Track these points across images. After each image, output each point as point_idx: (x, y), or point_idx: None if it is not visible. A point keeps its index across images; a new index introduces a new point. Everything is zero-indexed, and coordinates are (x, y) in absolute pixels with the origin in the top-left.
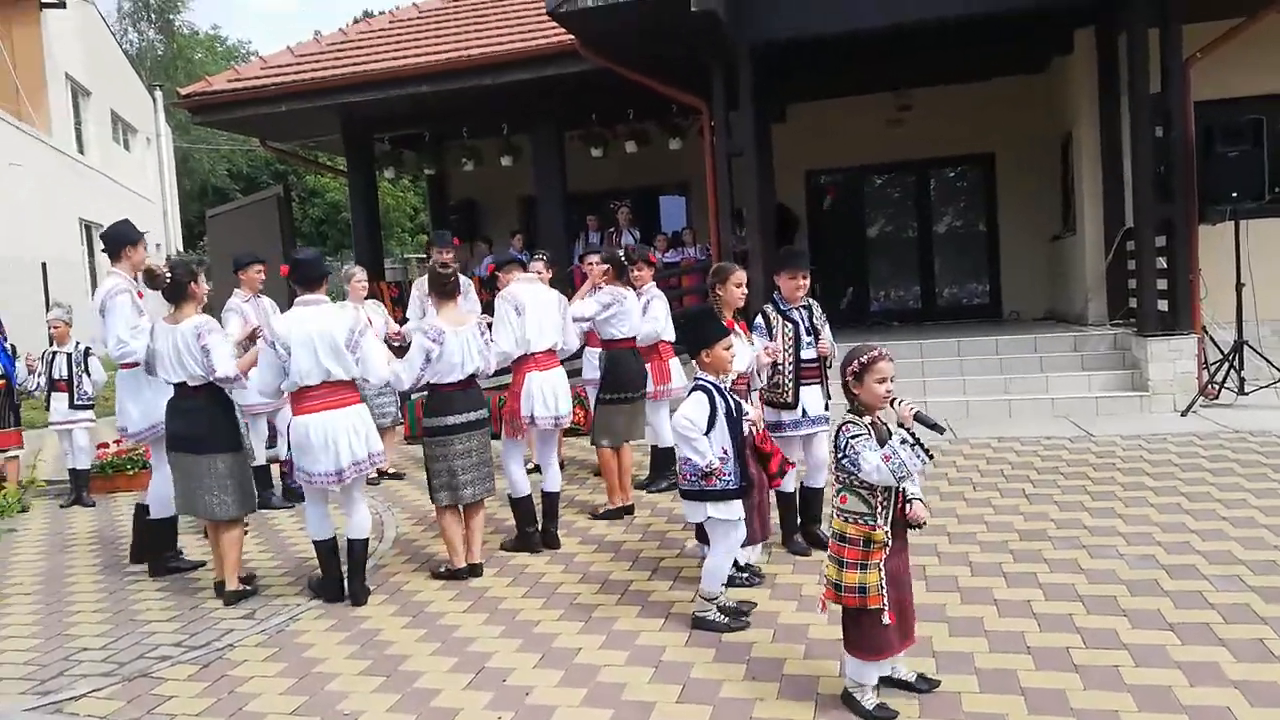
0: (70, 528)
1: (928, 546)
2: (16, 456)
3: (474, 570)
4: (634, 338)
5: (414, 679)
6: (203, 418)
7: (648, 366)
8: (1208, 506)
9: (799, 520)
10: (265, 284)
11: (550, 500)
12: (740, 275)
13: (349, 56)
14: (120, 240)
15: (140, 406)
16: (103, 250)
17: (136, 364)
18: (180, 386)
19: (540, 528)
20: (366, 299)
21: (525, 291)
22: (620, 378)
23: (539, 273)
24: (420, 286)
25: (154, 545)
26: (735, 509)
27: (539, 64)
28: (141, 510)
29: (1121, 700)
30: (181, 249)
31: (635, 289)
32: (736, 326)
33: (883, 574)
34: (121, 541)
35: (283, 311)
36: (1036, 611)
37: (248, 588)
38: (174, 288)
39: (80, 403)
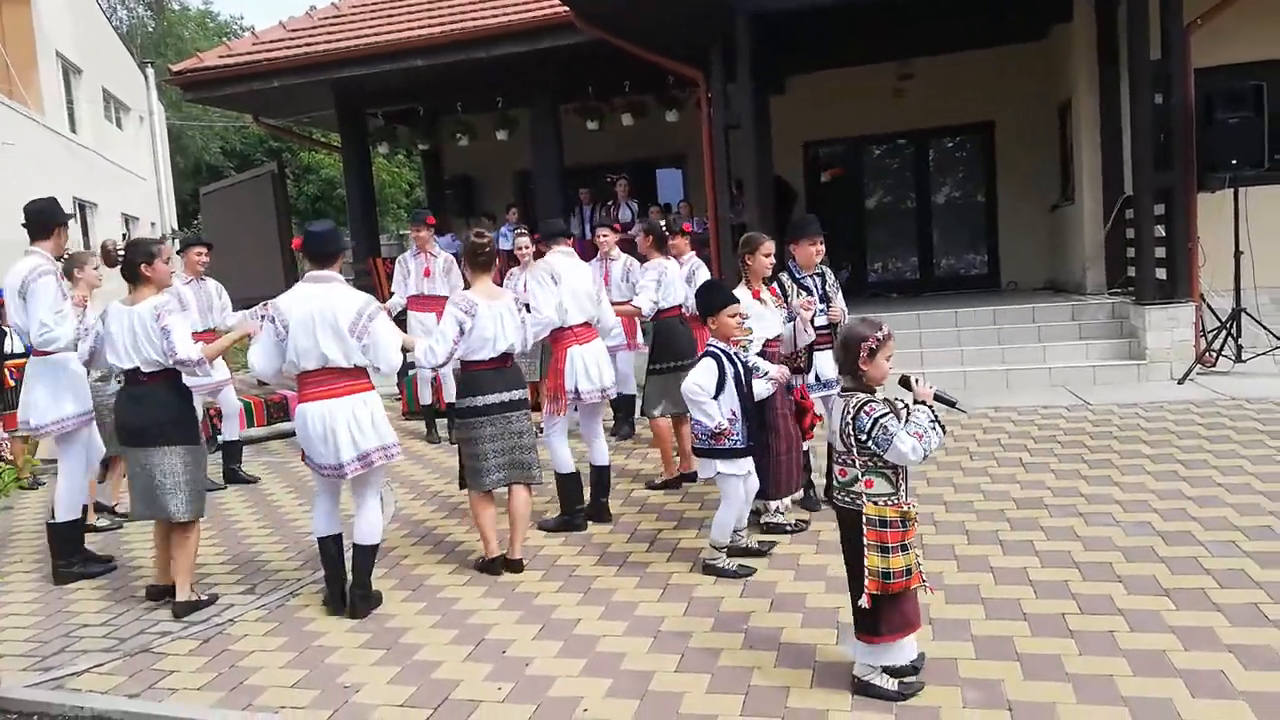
0: None
1: (924, 516)
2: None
3: (511, 566)
4: (679, 306)
5: (414, 651)
6: (158, 407)
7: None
8: (1204, 474)
9: (822, 478)
10: (209, 267)
11: (600, 473)
12: (769, 245)
13: (342, 30)
14: (47, 219)
15: (49, 397)
16: (23, 225)
17: (54, 352)
18: (132, 374)
19: (590, 502)
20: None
21: (562, 263)
22: (671, 346)
23: (524, 248)
24: (404, 262)
25: (62, 551)
26: (742, 465)
27: (534, 36)
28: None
29: (1116, 664)
30: (176, 227)
31: (675, 258)
32: (764, 293)
33: (915, 550)
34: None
35: (223, 293)
36: (1033, 579)
37: (203, 598)
38: (126, 267)
39: None
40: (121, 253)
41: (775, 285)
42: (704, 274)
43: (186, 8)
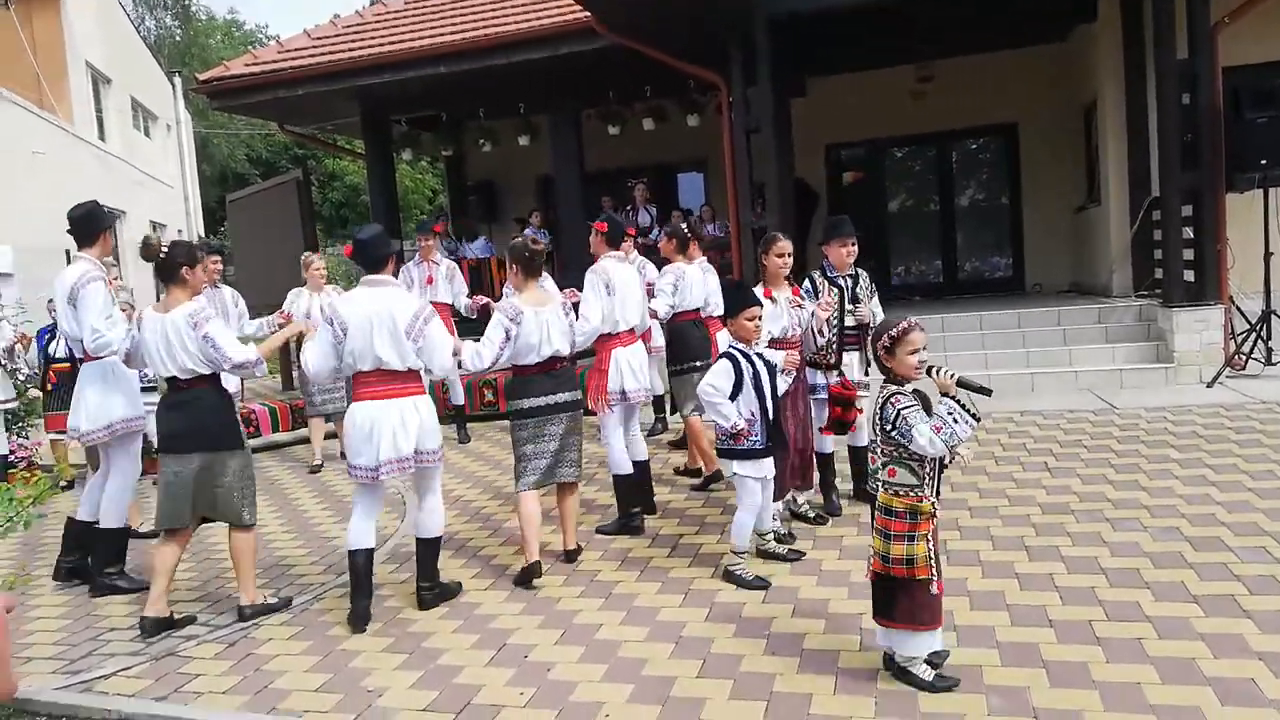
0: None
1: (949, 521)
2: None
3: (570, 556)
4: (697, 310)
5: (436, 656)
6: (204, 412)
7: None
8: (1233, 478)
9: (854, 479)
10: (224, 274)
11: (643, 468)
12: (783, 245)
13: (365, 38)
14: (93, 223)
15: (99, 403)
16: (68, 232)
17: (105, 357)
18: (171, 381)
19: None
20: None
21: (615, 269)
22: (685, 349)
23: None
24: (407, 271)
25: (104, 556)
26: (761, 467)
27: (555, 42)
28: (81, 522)
29: (1144, 672)
30: (203, 234)
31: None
32: (777, 293)
33: (930, 545)
34: (148, 522)
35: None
36: (1059, 585)
37: (272, 601)
38: (165, 266)
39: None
40: (163, 250)
41: (806, 283)
42: (713, 279)
43: (213, 17)
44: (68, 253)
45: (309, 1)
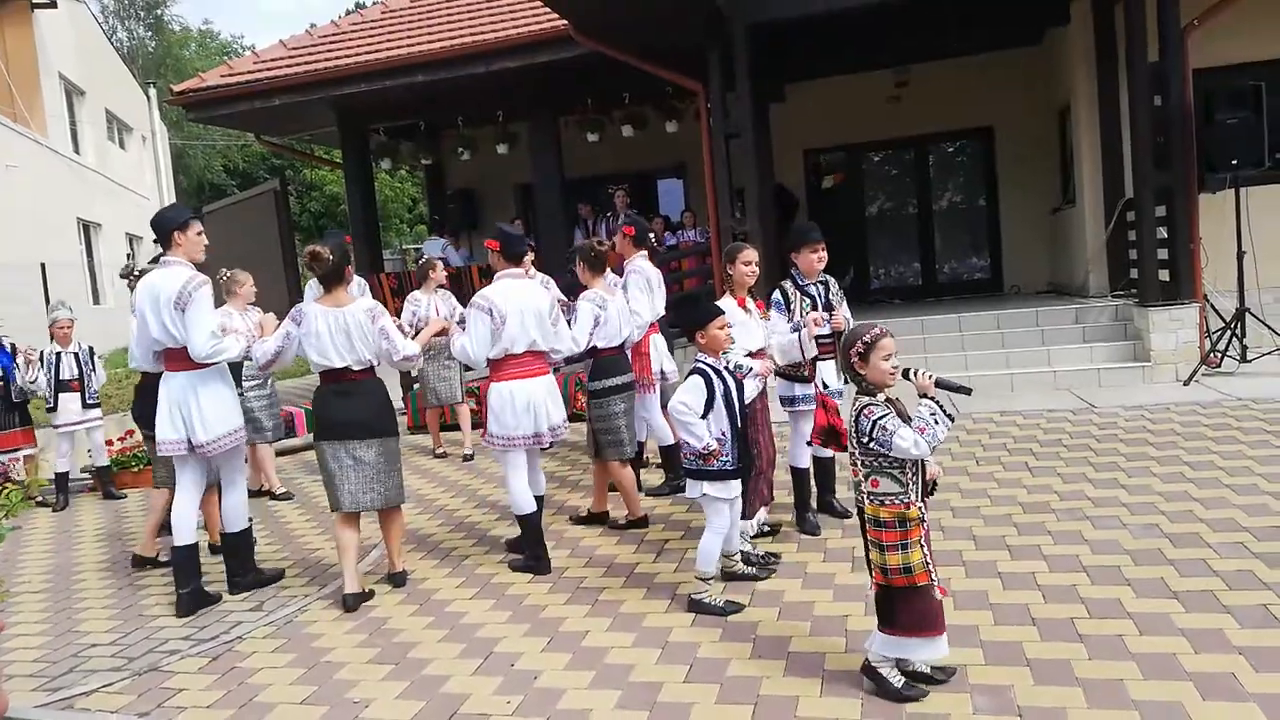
0: (77, 525)
1: (931, 522)
2: (31, 455)
3: (642, 522)
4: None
5: (422, 666)
6: (378, 401)
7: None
8: (1211, 475)
9: (818, 491)
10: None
11: (669, 451)
12: (748, 254)
13: (342, 48)
14: (170, 224)
15: (218, 412)
16: (154, 241)
17: (213, 364)
18: (339, 372)
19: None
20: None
21: (649, 268)
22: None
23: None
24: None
25: (247, 556)
26: (731, 488)
27: (532, 50)
28: (228, 536)
29: (1126, 668)
30: None
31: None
32: (749, 304)
33: (925, 549)
34: (129, 537)
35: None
36: (1041, 583)
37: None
38: (335, 270)
39: (91, 401)
40: (330, 257)
41: (777, 293)
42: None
43: (187, 28)
44: (43, 266)
45: (283, 12)
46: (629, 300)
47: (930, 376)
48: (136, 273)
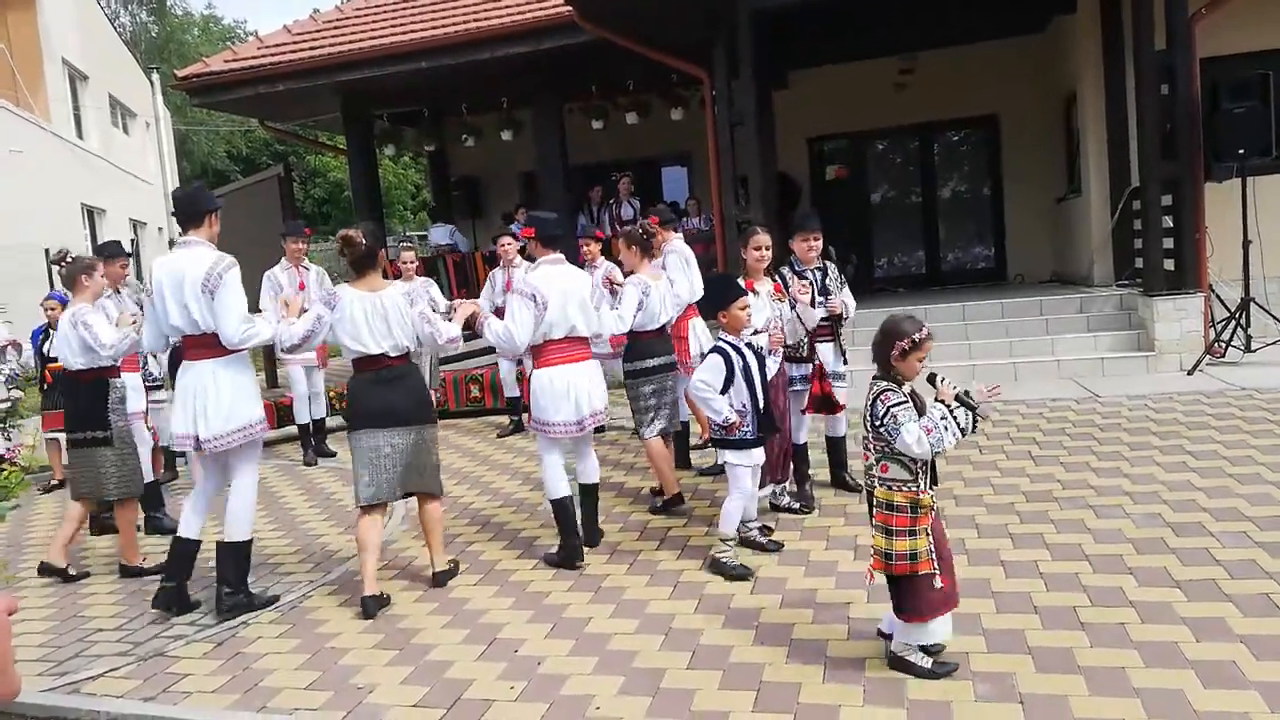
0: None
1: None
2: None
3: (677, 500)
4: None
5: (426, 652)
6: (418, 388)
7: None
8: (1214, 464)
9: (831, 466)
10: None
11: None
12: (759, 239)
13: (346, 34)
14: (200, 205)
15: (234, 404)
16: (173, 214)
17: (237, 350)
18: (377, 359)
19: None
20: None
21: (686, 248)
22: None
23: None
24: (274, 277)
25: (241, 572)
26: (752, 456)
27: (537, 37)
28: (223, 545)
29: (1128, 657)
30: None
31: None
32: (759, 285)
33: (930, 538)
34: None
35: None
36: (1043, 571)
37: (452, 566)
38: (369, 255)
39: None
40: (363, 241)
41: (779, 276)
42: (673, 264)
43: (190, 13)
44: (46, 252)
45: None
46: (670, 281)
47: (953, 388)
48: (70, 258)
